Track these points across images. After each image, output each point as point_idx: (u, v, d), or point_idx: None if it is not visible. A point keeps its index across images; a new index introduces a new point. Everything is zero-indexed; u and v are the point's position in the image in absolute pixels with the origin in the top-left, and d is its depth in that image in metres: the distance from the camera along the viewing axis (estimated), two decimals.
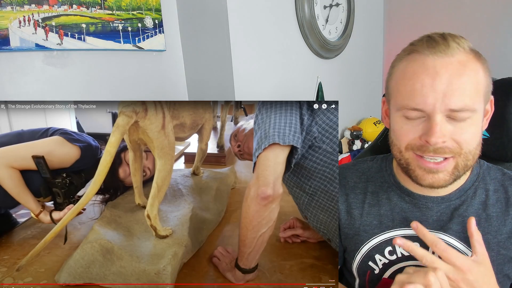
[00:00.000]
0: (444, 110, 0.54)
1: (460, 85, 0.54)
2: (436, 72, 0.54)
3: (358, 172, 0.74)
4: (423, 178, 0.59)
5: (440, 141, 0.55)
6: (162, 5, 1.39)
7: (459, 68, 0.54)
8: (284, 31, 1.54)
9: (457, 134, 0.55)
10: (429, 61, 0.55)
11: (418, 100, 0.55)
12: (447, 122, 0.55)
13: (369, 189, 0.71)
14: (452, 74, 0.54)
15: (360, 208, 0.70)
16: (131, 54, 1.34)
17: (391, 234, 0.66)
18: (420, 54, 0.56)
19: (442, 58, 0.54)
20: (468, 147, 0.56)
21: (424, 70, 0.55)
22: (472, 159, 0.58)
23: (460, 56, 0.55)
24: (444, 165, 0.57)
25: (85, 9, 1.21)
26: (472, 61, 0.55)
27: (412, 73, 0.56)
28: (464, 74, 0.54)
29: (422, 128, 0.56)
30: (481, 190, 0.64)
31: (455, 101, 0.53)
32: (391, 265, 0.66)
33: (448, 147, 0.56)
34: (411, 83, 0.56)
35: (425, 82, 0.55)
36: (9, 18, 1.07)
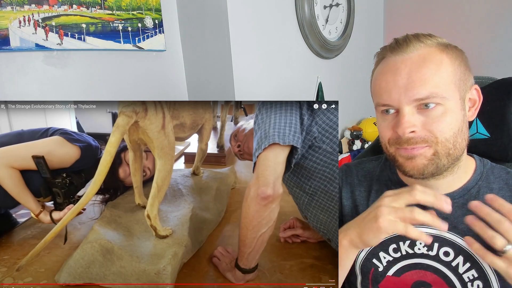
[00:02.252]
0: (409, 101, 0.58)
1: (420, 76, 0.57)
2: (396, 68, 0.60)
3: (363, 170, 0.76)
4: (404, 165, 0.62)
5: (408, 131, 0.58)
6: (162, 5, 1.39)
7: (418, 62, 0.58)
8: (284, 31, 1.54)
9: (429, 124, 0.58)
10: (391, 61, 0.61)
11: (384, 96, 0.61)
12: (417, 113, 0.59)
13: (374, 187, 0.72)
14: (411, 68, 0.58)
15: (365, 205, 0.71)
16: (131, 54, 1.34)
17: None
18: (386, 57, 0.63)
19: (402, 55, 0.60)
20: (443, 135, 0.58)
21: (387, 69, 0.61)
22: (453, 147, 0.59)
23: (420, 51, 0.59)
24: (419, 150, 0.59)
25: (85, 9, 1.21)
26: (434, 54, 0.59)
27: (379, 73, 0.63)
28: (424, 66, 0.58)
29: (394, 123, 0.61)
30: (484, 189, 0.64)
31: (419, 90, 0.57)
32: (396, 263, 0.66)
33: (420, 137, 0.58)
34: (378, 83, 0.63)
35: (388, 79, 0.60)
36: (9, 18, 1.07)
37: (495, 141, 0.74)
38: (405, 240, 0.66)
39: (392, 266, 0.66)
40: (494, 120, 0.72)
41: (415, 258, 0.64)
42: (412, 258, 0.65)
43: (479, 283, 0.60)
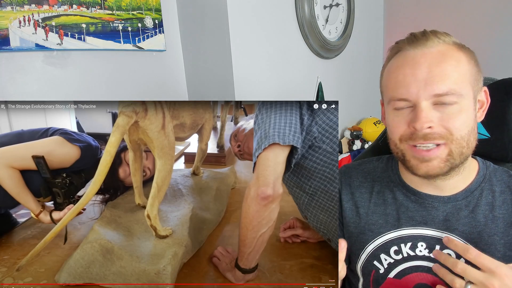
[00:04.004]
0: (428, 96, 0.57)
1: (441, 72, 0.57)
2: (415, 62, 0.58)
3: (364, 172, 0.75)
4: (418, 168, 0.60)
5: (426, 126, 0.57)
6: (162, 5, 1.39)
7: (438, 57, 0.57)
8: (284, 31, 1.54)
9: (445, 120, 0.57)
10: (409, 54, 0.59)
11: (402, 90, 0.59)
12: (434, 109, 0.57)
13: (375, 188, 0.71)
14: (431, 63, 0.57)
15: (366, 207, 0.70)
16: (131, 54, 1.34)
17: (397, 233, 0.66)
18: (403, 50, 0.61)
19: (421, 49, 0.58)
20: (459, 132, 0.58)
21: (405, 63, 0.59)
22: (466, 146, 0.59)
23: (440, 47, 0.58)
24: (435, 152, 0.58)
25: (85, 9, 1.21)
26: (453, 51, 0.58)
27: (395, 67, 0.61)
28: (444, 62, 0.57)
29: (410, 118, 0.59)
30: (487, 191, 0.64)
31: (439, 86, 0.56)
32: (397, 265, 0.66)
33: (437, 133, 0.57)
34: (394, 76, 0.60)
35: (406, 72, 0.58)
36: (9, 18, 1.07)
37: (495, 142, 0.74)
38: (406, 242, 0.65)
39: (393, 268, 0.66)
40: (494, 120, 0.72)
41: (416, 260, 0.64)
42: (413, 261, 0.64)
43: None
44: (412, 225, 0.65)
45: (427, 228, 0.64)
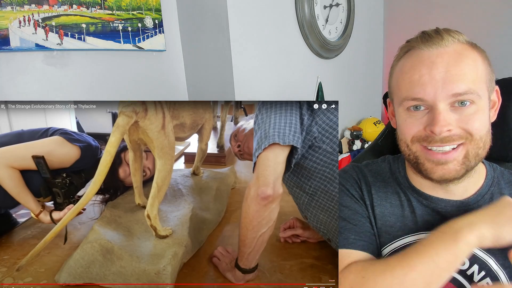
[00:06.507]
0: (446, 96, 0.55)
1: (459, 71, 0.55)
2: (432, 62, 0.56)
3: (373, 172, 0.71)
4: (433, 171, 0.58)
5: (445, 130, 0.55)
6: (162, 5, 1.39)
7: (455, 57, 0.56)
8: (284, 31, 1.54)
9: (463, 122, 0.55)
10: (424, 54, 0.57)
11: (417, 89, 0.56)
12: (451, 111, 0.55)
13: (389, 189, 0.68)
14: (449, 63, 0.55)
15: (382, 207, 0.66)
16: (131, 54, 1.34)
17: (415, 237, 0.63)
18: (416, 49, 0.58)
19: (437, 49, 0.56)
20: (478, 133, 0.56)
21: (420, 62, 0.57)
22: (483, 147, 0.57)
23: (455, 46, 0.56)
24: (453, 155, 0.57)
25: (85, 9, 1.21)
26: (469, 50, 0.57)
27: (409, 67, 0.58)
28: (461, 62, 0.55)
29: (426, 120, 0.57)
30: (497, 195, 0.63)
31: (458, 85, 0.54)
32: None
33: (456, 135, 0.55)
34: (409, 76, 0.58)
35: (422, 72, 0.56)
36: (9, 18, 1.07)
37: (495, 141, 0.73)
38: None
39: None
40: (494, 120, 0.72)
41: None
42: None
43: None
44: (428, 229, 0.62)
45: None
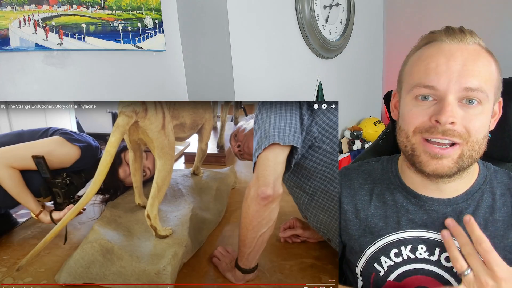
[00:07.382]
0: (458, 89, 0.56)
1: (475, 68, 0.56)
2: (451, 54, 0.57)
3: (364, 173, 0.74)
4: (427, 164, 0.59)
5: (450, 121, 0.55)
6: (162, 5, 1.39)
7: (474, 54, 0.57)
8: (284, 31, 1.54)
9: (467, 120, 0.56)
10: (445, 46, 0.58)
11: (432, 77, 0.57)
12: (458, 106, 0.56)
13: (375, 190, 0.70)
14: (467, 58, 0.56)
15: (366, 210, 0.69)
16: (131, 54, 1.34)
17: (397, 236, 0.65)
18: (438, 41, 0.59)
19: (458, 44, 0.58)
20: (476, 135, 0.57)
21: (440, 52, 0.58)
22: (477, 150, 0.59)
23: (475, 46, 0.58)
24: (449, 151, 0.58)
25: (85, 9, 1.21)
26: (486, 54, 0.59)
27: (427, 55, 0.59)
28: (479, 60, 0.57)
29: (433, 110, 0.58)
30: (488, 194, 0.64)
31: (471, 80, 0.55)
32: (397, 268, 0.65)
33: (457, 131, 0.56)
34: (425, 63, 0.59)
35: (440, 61, 0.57)
36: (9, 18, 1.07)
37: (496, 141, 0.74)
38: (406, 244, 0.65)
39: (393, 271, 0.65)
40: None
41: (416, 263, 0.64)
42: (413, 263, 0.64)
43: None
44: (412, 227, 0.65)
45: (428, 231, 0.64)
